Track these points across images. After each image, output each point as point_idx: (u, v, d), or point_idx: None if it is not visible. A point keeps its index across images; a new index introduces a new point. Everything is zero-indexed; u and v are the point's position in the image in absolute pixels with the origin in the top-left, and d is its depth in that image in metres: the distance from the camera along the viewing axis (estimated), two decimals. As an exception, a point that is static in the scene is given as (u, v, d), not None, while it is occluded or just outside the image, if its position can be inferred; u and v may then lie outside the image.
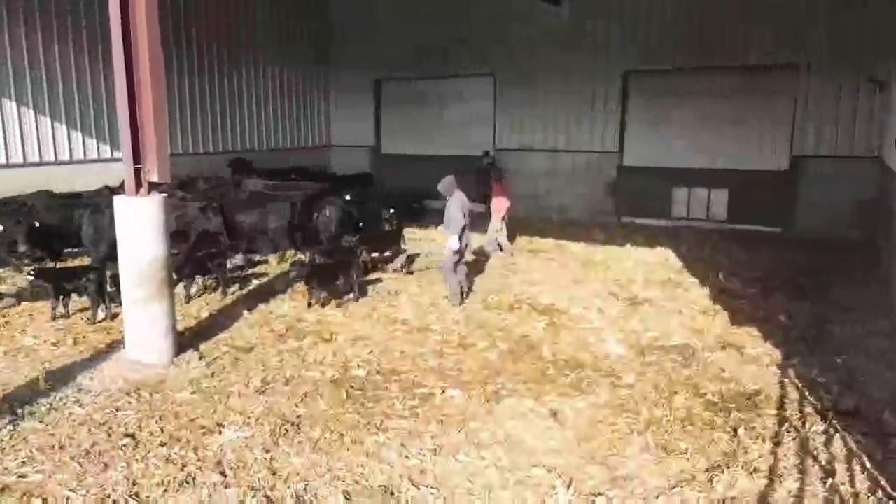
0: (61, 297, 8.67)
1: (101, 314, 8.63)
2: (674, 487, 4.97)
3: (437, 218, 15.38)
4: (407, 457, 5.42)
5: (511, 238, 13.40)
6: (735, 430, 5.80)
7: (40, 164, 13.37)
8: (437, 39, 18.60)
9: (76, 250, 11.38)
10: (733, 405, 6.31)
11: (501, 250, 12.79)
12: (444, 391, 6.67)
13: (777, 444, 5.57)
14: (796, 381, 6.81)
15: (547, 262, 12.33)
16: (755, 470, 5.17)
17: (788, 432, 5.76)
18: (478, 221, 12.94)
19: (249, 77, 18.45)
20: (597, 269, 11.68)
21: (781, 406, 6.28)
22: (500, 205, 12.81)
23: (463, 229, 9.26)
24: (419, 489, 4.96)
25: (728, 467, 5.20)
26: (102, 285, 8.65)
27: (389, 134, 20.78)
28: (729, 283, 10.58)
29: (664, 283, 10.69)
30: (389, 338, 8.22)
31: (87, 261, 10.65)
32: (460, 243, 9.27)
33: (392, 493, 4.91)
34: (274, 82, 19.24)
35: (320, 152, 20.89)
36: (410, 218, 15.26)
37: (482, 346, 7.95)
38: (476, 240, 12.67)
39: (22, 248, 10.34)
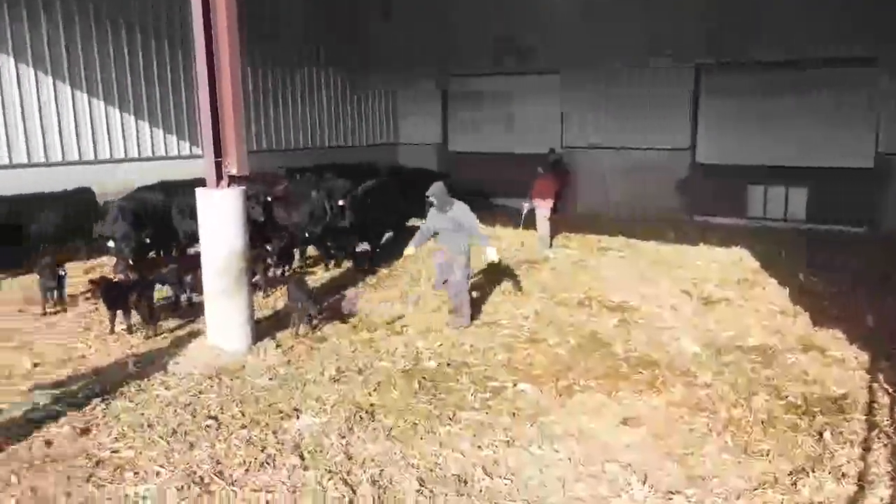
0: None
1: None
2: (756, 489, 4.84)
3: (502, 214, 15.52)
4: (480, 447, 5.45)
5: (555, 234, 13.33)
6: (820, 434, 5.59)
7: (125, 160, 14.00)
8: (505, 36, 18.55)
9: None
10: (818, 409, 6.08)
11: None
12: (515, 385, 6.67)
13: (867, 449, 5.34)
14: (886, 385, 6.51)
15: (617, 259, 12.15)
16: (843, 475, 4.97)
17: (879, 438, 5.51)
18: (529, 219, 12.99)
19: (321, 74, 18.83)
20: (668, 268, 11.44)
21: (870, 411, 6.02)
22: (544, 199, 12.70)
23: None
24: (493, 479, 4.99)
25: (813, 471, 5.02)
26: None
27: (456, 131, 20.85)
28: (810, 283, 10.18)
29: (740, 283, 10.39)
30: (459, 331, 8.26)
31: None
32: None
33: (466, 482, 4.95)
34: (346, 80, 19.57)
35: (388, 150, 21.13)
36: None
37: (553, 341, 7.91)
38: (523, 239, 12.71)
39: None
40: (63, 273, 9.05)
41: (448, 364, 7.22)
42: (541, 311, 9.05)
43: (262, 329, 8.05)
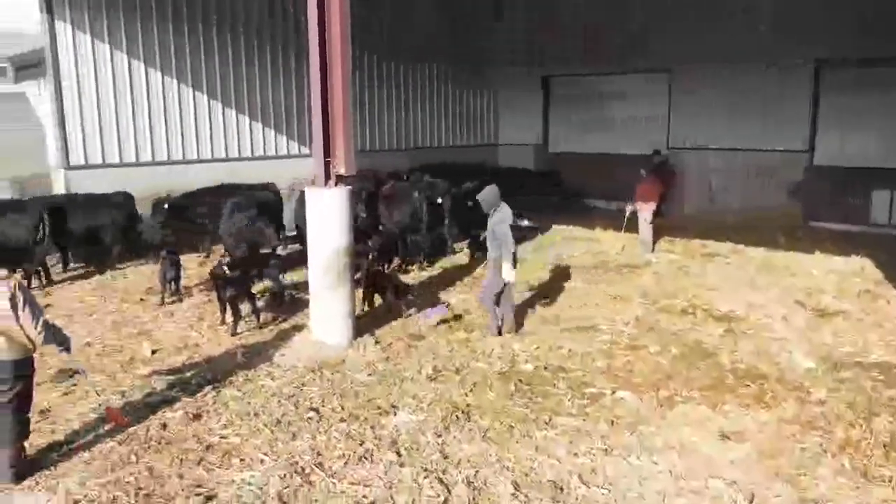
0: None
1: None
2: (876, 517, 4.52)
3: (602, 216, 15.22)
4: (576, 454, 5.37)
5: (657, 238, 12.91)
6: (951, 462, 5.15)
7: (239, 159, 14.72)
8: (608, 35, 18.15)
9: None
10: (949, 434, 5.60)
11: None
12: (613, 392, 6.52)
13: None
14: None
15: (723, 266, 11.64)
16: (977, 508, 4.56)
17: None
18: (631, 222, 12.63)
19: (424, 76, 19.08)
20: (779, 276, 10.84)
21: None
22: (647, 202, 12.31)
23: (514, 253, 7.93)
24: (589, 488, 4.90)
25: (943, 502, 4.63)
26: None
27: (557, 132, 20.60)
28: (942, 297, 9.40)
29: (860, 295, 9.70)
30: (556, 335, 8.16)
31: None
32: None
33: (561, 489, 4.89)
34: (445, 81, 19.75)
35: (487, 150, 21.15)
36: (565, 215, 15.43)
37: (654, 349, 7.67)
38: (623, 242, 12.35)
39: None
40: (180, 264, 9.62)
41: (545, 368, 7.14)
42: (641, 317, 8.80)
43: (362, 325, 8.25)
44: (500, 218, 7.85)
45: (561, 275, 10.96)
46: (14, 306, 4.88)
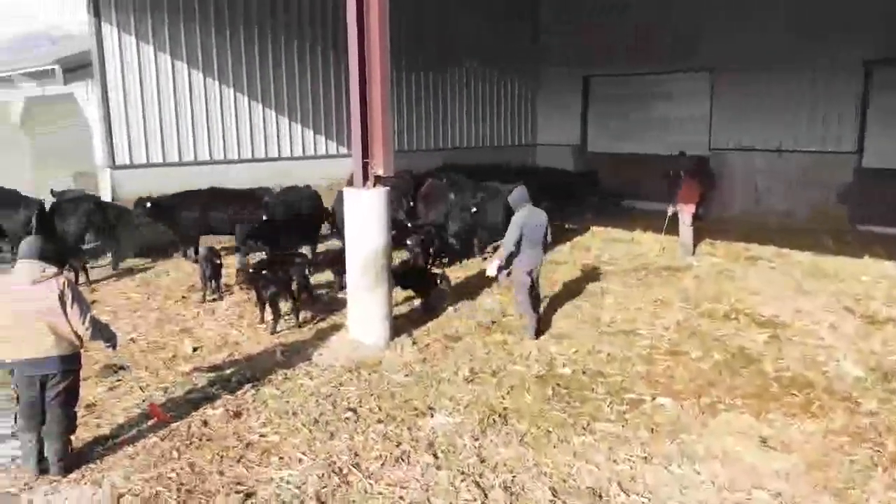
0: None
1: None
2: (930, 534, 4.35)
3: (641, 218, 15.01)
4: (615, 461, 5.29)
5: (698, 240, 12.67)
6: None
7: (279, 159, 14.90)
8: (651, 34, 17.89)
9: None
10: None
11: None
12: (654, 398, 6.41)
13: None
14: None
15: (767, 270, 11.36)
16: None
17: None
18: (672, 224, 12.40)
19: (461, 76, 19.06)
20: (827, 281, 10.55)
21: None
22: (687, 204, 12.12)
23: (512, 253, 7.82)
24: (629, 496, 4.82)
25: None
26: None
27: (596, 132, 20.39)
28: None
29: (913, 302, 9.40)
30: (594, 339, 8.07)
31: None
32: (523, 268, 7.91)
33: (600, 497, 4.82)
34: (483, 81, 19.70)
35: (525, 151, 21.05)
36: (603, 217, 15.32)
37: (695, 355, 7.52)
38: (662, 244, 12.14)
39: None
40: (220, 263, 9.76)
41: (583, 372, 7.06)
42: (682, 321, 8.65)
43: (399, 325, 8.26)
44: (515, 220, 7.83)
45: (599, 277, 10.83)
46: (63, 303, 4.99)
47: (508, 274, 8.36)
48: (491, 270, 8.05)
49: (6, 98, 16.17)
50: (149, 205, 11.40)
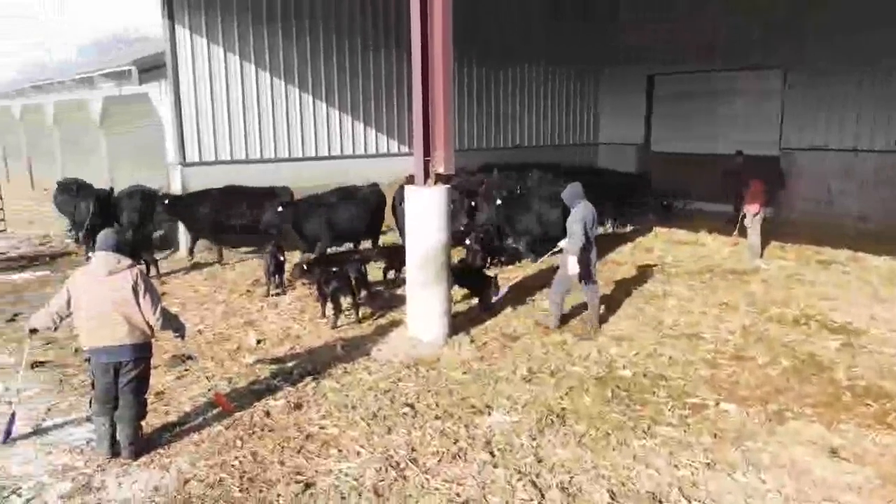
0: None
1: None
2: None
3: (706, 219, 14.63)
4: (676, 466, 5.17)
5: (766, 243, 12.27)
6: None
7: (342, 157, 15.12)
8: (718, 31, 17.38)
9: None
10: None
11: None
12: (717, 404, 6.24)
13: None
14: None
15: (841, 274, 10.90)
16: None
17: None
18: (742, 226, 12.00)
19: (522, 73, 18.95)
20: (906, 288, 10.07)
21: None
22: (755, 205, 11.75)
23: (585, 247, 7.96)
24: (690, 503, 4.70)
25: None
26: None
27: (660, 132, 19.96)
28: None
29: None
30: (656, 341, 7.90)
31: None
32: (586, 262, 8.04)
33: (660, 502, 4.72)
34: (544, 79, 19.54)
35: (587, 150, 20.78)
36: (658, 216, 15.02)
37: (762, 360, 7.28)
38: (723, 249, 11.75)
39: None
40: (283, 259, 9.98)
41: (644, 375, 6.93)
42: (749, 326, 8.39)
43: (457, 323, 8.27)
44: (574, 214, 7.98)
45: (662, 280, 10.61)
46: (136, 294, 5.19)
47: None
48: (573, 269, 7.93)
49: (88, 98, 16.91)
50: (166, 202, 11.86)
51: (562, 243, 8.44)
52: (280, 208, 11.15)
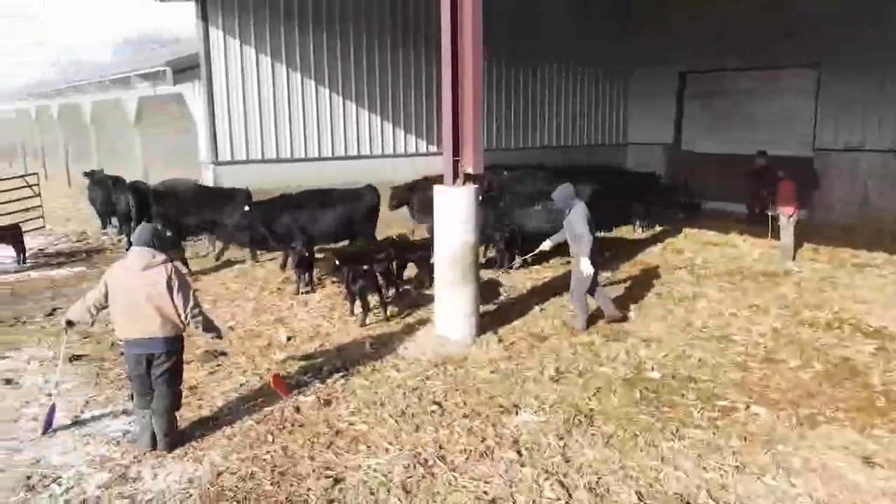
0: None
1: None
2: None
3: (737, 220, 14.45)
4: (705, 469, 5.14)
5: (798, 244, 12.10)
6: None
7: (371, 156, 15.25)
8: (750, 28, 17.13)
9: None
10: None
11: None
12: (748, 407, 6.18)
13: None
14: None
15: (877, 278, 10.70)
16: None
17: None
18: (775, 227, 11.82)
19: (551, 73, 18.89)
20: (944, 292, 9.85)
21: None
22: (787, 206, 11.60)
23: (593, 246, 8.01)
24: (719, 505, 4.68)
25: None
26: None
27: (690, 131, 19.75)
28: None
29: None
30: (685, 343, 7.85)
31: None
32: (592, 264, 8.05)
33: (688, 504, 4.70)
34: (573, 78, 19.45)
35: (615, 150, 20.66)
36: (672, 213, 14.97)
37: (794, 364, 7.20)
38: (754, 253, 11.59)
39: None
40: (313, 257, 10.09)
41: (673, 376, 6.89)
42: (780, 329, 8.29)
43: (485, 322, 8.30)
44: (575, 215, 8.01)
45: (692, 281, 10.52)
46: (170, 289, 5.32)
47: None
48: (587, 269, 8.00)
49: (123, 97, 17.27)
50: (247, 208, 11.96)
51: (544, 244, 8.84)
52: (247, 208, 11.09)
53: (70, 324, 5.70)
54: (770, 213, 12.12)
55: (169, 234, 10.89)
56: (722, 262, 11.69)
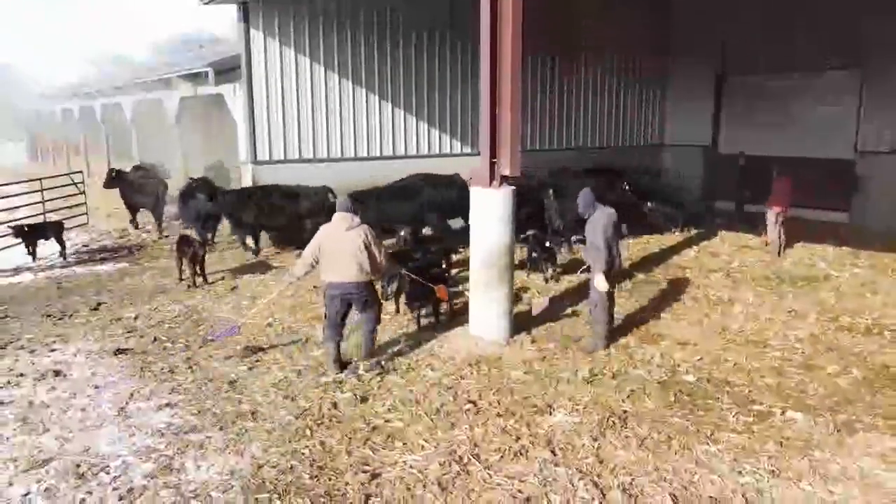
0: None
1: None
2: None
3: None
4: (740, 473, 5.13)
5: (790, 242, 12.24)
6: None
7: (406, 157, 15.37)
8: (792, 28, 16.87)
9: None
10: None
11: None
12: (784, 412, 6.14)
13: None
14: None
15: (919, 284, 10.50)
16: None
17: None
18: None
19: (589, 73, 18.79)
20: None
21: None
22: (776, 206, 11.75)
23: (610, 256, 7.42)
24: (754, 510, 4.67)
25: None
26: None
27: (729, 133, 19.47)
28: None
29: None
30: (721, 347, 7.81)
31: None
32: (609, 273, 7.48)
33: (723, 508, 4.71)
34: (609, 79, 19.34)
35: (652, 151, 20.49)
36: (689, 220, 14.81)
37: (832, 369, 7.12)
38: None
39: None
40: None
41: (707, 380, 6.87)
42: (818, 334, 8.20)
43: (519, 323, 8.35)
44: (593, 223, 7.46)
45: (728, 285, 10.43)
46: (367, 246, 6.85)
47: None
48: (602, 286, 7.44)
49: (164, 98, 17.68)
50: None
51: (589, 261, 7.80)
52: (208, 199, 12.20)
53: (295, 280, 7.47)
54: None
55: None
56: (759, 266, 11.56)
